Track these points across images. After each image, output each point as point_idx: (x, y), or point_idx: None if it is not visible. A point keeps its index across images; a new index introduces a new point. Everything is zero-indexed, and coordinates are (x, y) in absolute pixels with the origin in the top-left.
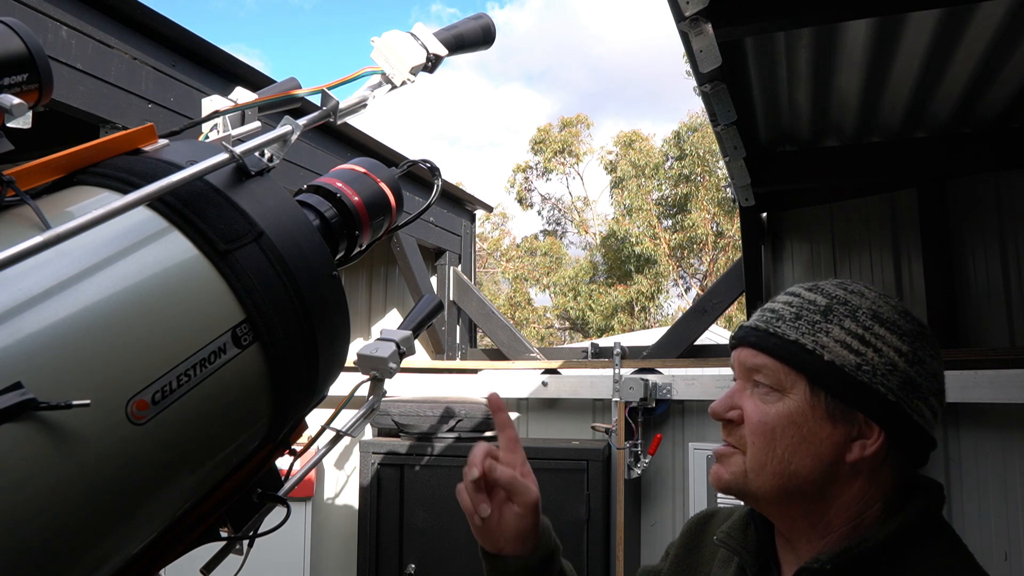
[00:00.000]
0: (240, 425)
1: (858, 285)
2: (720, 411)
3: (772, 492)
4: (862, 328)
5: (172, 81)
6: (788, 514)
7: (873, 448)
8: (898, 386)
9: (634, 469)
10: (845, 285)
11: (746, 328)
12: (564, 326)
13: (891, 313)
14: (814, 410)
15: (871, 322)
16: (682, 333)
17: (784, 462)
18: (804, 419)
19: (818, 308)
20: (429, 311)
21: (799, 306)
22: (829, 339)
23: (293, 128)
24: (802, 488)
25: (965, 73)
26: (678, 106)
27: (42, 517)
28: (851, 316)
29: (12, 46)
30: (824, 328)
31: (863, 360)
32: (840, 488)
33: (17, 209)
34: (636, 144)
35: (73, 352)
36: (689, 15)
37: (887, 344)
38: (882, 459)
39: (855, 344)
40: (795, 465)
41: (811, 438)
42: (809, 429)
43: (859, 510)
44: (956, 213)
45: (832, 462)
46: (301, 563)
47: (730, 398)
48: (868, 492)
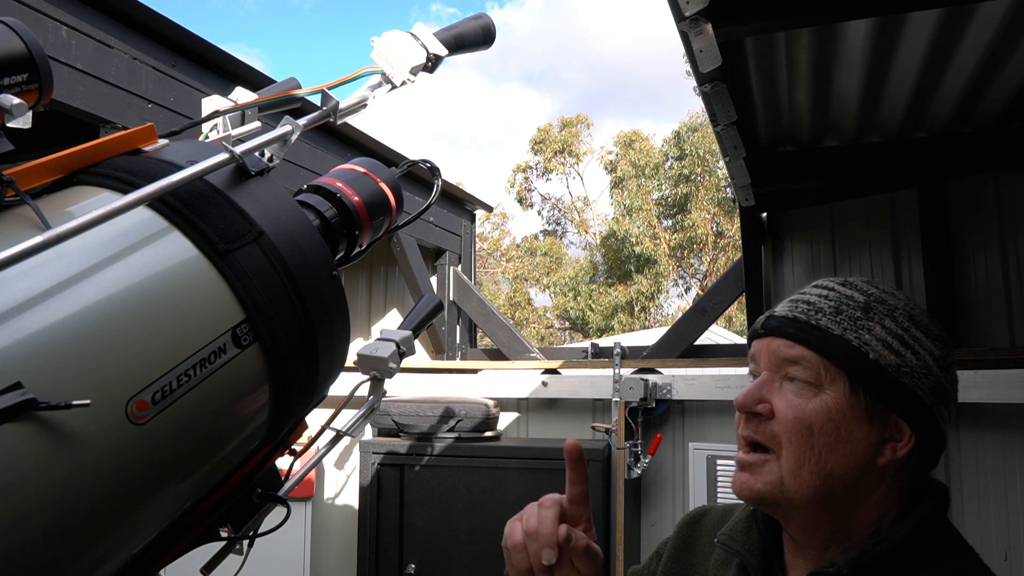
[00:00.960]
0: (240, 425)
1: (886, 285)
2: (749, 403)
3: (809, 496)
4: (901, 329)
5: (172, 81)
6: (816, 520)
7: (904, 451)
8: (931, 390)
9: (634, 469)
10: (876, 284)
11: (780, 318)
12: (564, 326)
13: (923, 317)
14: (853, 408)
15: (908, 323)
16: (682, 333)
17: (822, 462)
18: (843, 417)
19: (858, 304)
20: (429, 311)
21: (837, 300)
22: (871, 337)
23: (293, 128)
24: (836, 491)
25: (965, 73)
26: (678, 106)
27: (42, 517)
28: (890, 315)
29: (12, 46)
30: (866, 326)
31: (903, 361)
32: (868, 493)
33: (17, 209)
34: (636, 144)
35: (73, 352)
36: (689, 15)
37: (923, 347)
38: (905, 462)
39: (896, 344)
40: (831, 466)
41: (848, 437)
42: (847, 428)
43: (879, 514)
44: (956, 213)
45: (866, 464)
46: (301, 563)
47: (758, 390)
48: (889, 497)
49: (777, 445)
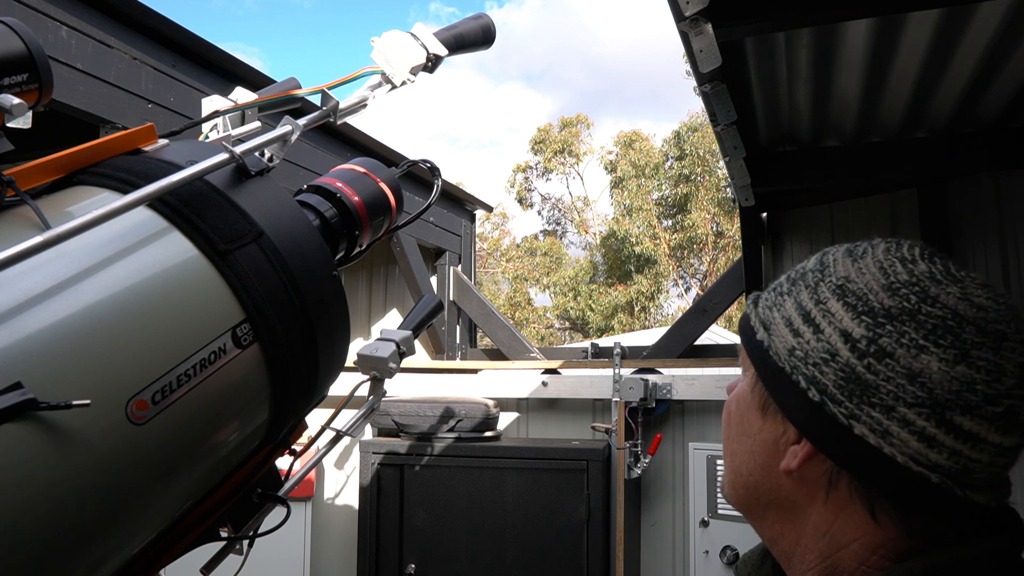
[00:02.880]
0: (240, 425)
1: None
2: (727, 390)
3: (731, 494)
4: (814, 302)
5: (172, 81)
6: (762, 534)
7: (800, 459)
8: (833, 382)
9: (634, 469)
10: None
11: None
12: (564, 326)
13: (872, 285)
14: (752, 399)
15: (829, 295)
16: (682, 333)
17: (733, 454)
18: (745, 406)
19: (793, 277)
20: (429, 311)
21: (785, 275)
22: (778, 315)
23: (293, 128)
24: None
25: (965, 73)
26: (678, 106)
27: (42, 517)
28: (813, 287)
29: (12, 46)
30: (779, 302)
31: (799, 343)
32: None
33: (17, 209)
34: (636, 144)
35: (73, 352)
36: (689, 15)
37: (833, 324)
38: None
39: (797, 323)
40: (739, 460)
41: (748, 429)
42: (747, 419)
43: (829, 546)
44: (956, 213)
45: (766, 466)
46: (301, 563)
47: (739, 379)
48: (835, 525)
49: None
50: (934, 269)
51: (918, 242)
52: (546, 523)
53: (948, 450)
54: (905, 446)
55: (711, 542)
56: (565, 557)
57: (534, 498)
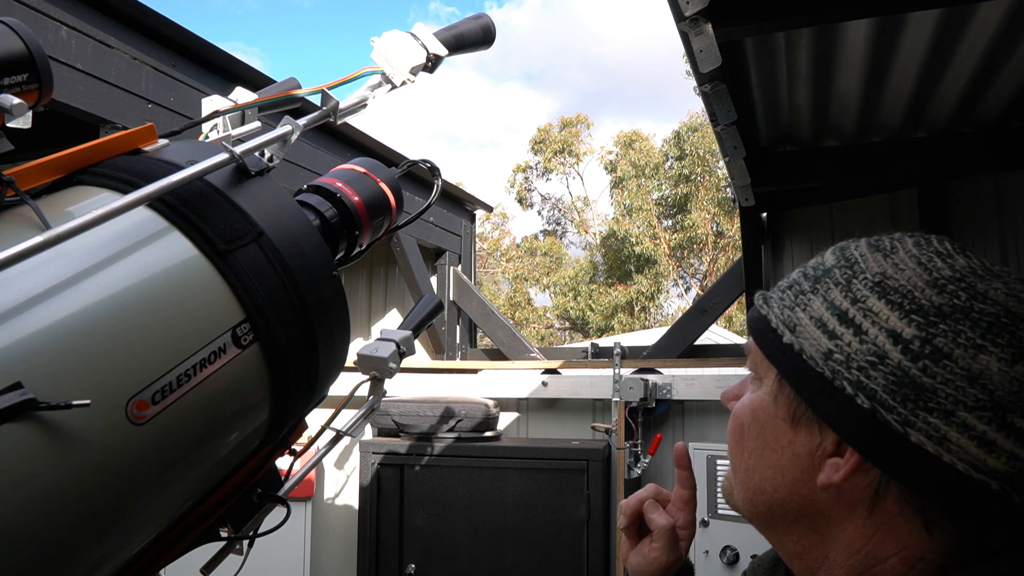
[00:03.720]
0: (240, 425)
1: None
2: (725, 398)
3: (746, 509)
4: (849, 301)
5: (172, 81)
6: (782, 548)
7: (845, 471)
8: (884, 387)
9: (634, 469)
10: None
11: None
12: (564, 326)
13: (916, 282)
14: (777, 406)
15: (868, 292)
16: (682, 333)
17: (749, 469)
18: (767, 416)
19: (815, 275)
20: (429, 311)
21: (801, 272)
22: (804, 315)
23: (293, 128)
24: (775, 511)
25: (965, 73)
26: (678, 106)
27: (42, 517)
28: (844, 284)
29: (12, 46)
30: (804, 301)
31: (836, 346)
32: (834, 524)
33: (17, 209)
34: (636, 144)
35: (73, 352)
36: (689, 15)
37: (878, 324)
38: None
39: (832, 323)
40: (759, 477)
41: (773, 443)
42: (771, 430)
43: (864, 563)
44: (956, 213)
45: (798, 480)
46: (301, 563)
47: (740, 385)
48: (874, 539)
49: None
50: (973, 263)
51: (943, 235)
52: (546, 523)
53: (1007, 454)
54: (964, 452)
55: (711, 542)
56: (565, 557)
57: (534, 498)
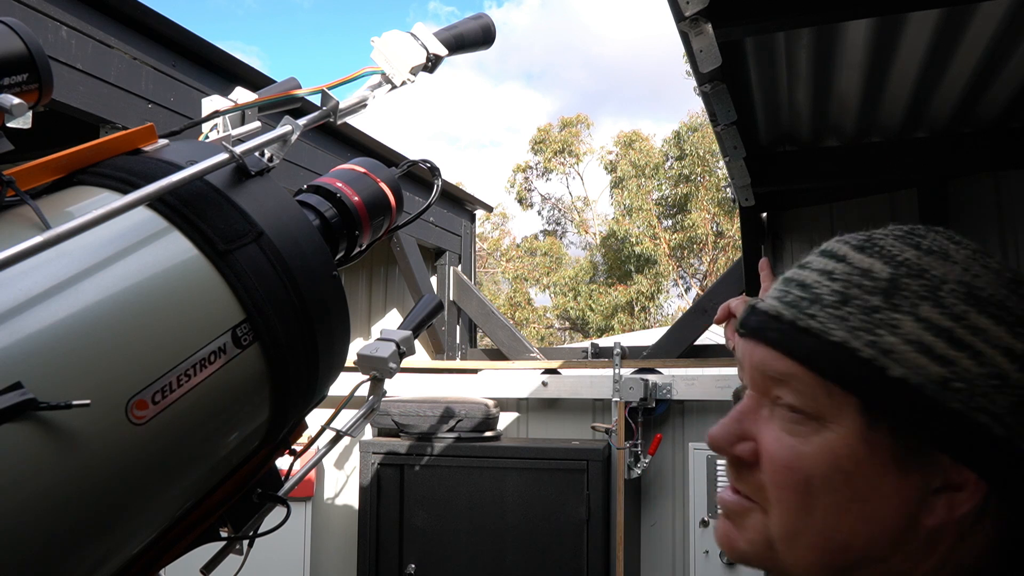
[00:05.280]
0: (240, 425)
1: (940, 237)
2: (722, 442)
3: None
4: (951, 318)
5: (172, 81)
6: None
7: (967, 507)
8: (1008, 410)
9: (634, 469)
10: (917, 240)
11: (760, 314)
12: (564, 326)
13: (996, 287)
14: (873, 452)
15: (965, 306)
16: (682, 333)
17: (828, 530)
18: (856, 465)
19: (877, 285)
20: (429, 311)
21: (846, 279)
22: (897, 339)
23: (293, 128)
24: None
25: (965, 73)
26: (678, 106)
27: (42, 517)
28: (931, 297)
29: (12, 46)
30: (889, 320)
31: (953, 372)
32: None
33: (17, 209)
34: (636, 144)
35: (73, 352)
36: (689, 15)
37: (991, 343)
38: (975, 519)
39: (941, 346)
40: (844, 534)
41: (867, 493)
42: (866, 481)
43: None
44: (956, 213)
45: (901, 527)
46: (301, 563)
47: (736, 423)
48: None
49: (764, 501)
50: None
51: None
52: (546, 523)
53: None
54: None
55: (711, 542)
56: (565, 557)
57: (534, 498)
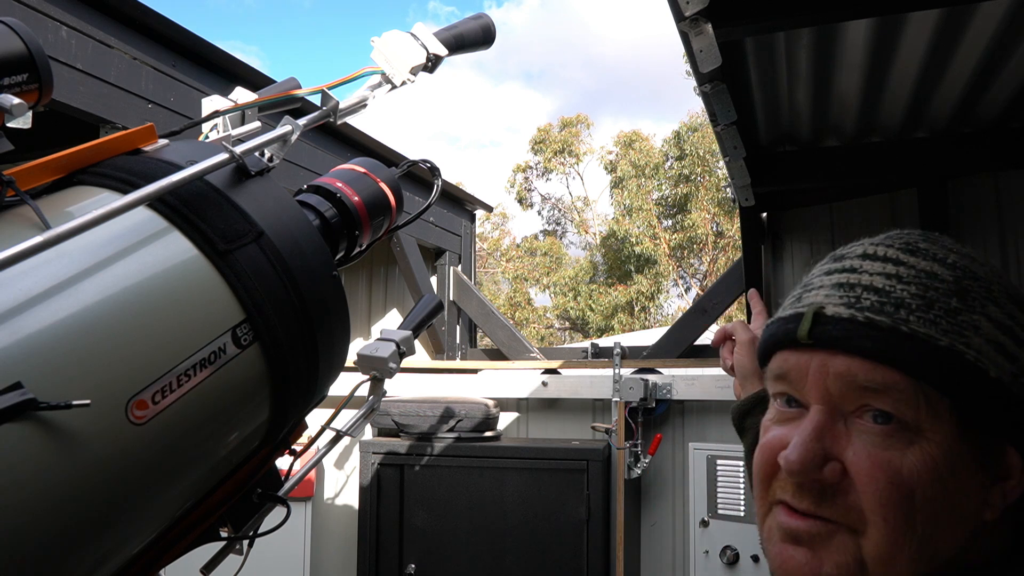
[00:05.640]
0: (240, 425)
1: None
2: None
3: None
4: (1009, 317)
5: (172, 81)
6: None
7: (1015, 494)
8: None
9: (634, 469)
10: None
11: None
12: (564, 326)
13: (1013, 285)
14: (964, 456)
15: (1012, 305)
16: (682, 333)
17: (926, 541)
18: (952, 472)
19: (948, 288)
20: (429, 311)
21: (920, 283)
22: (982, 340)
23: (293, 128)
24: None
25: (965, 73)
26: (678, 106)
27: (42, 517)
28: (990, 297)
29: (12, 46)
30: (971, 322)
31: (1019, 368)
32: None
33: (17, 209)
34: (636, 144)
35: (73, 352)
36: (689, 15)
37: None
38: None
39: (1009, 344)
40: (937, 542)
41: (958, 498)
42: (957, 485)
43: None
44: (956, 213)
45: (975, 527)
46: (301, 563)
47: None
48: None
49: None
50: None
51: None
52: (546, 523)
53: None
54: None
55: (711, 542)
56: (565, 557)
57: (534, 498)
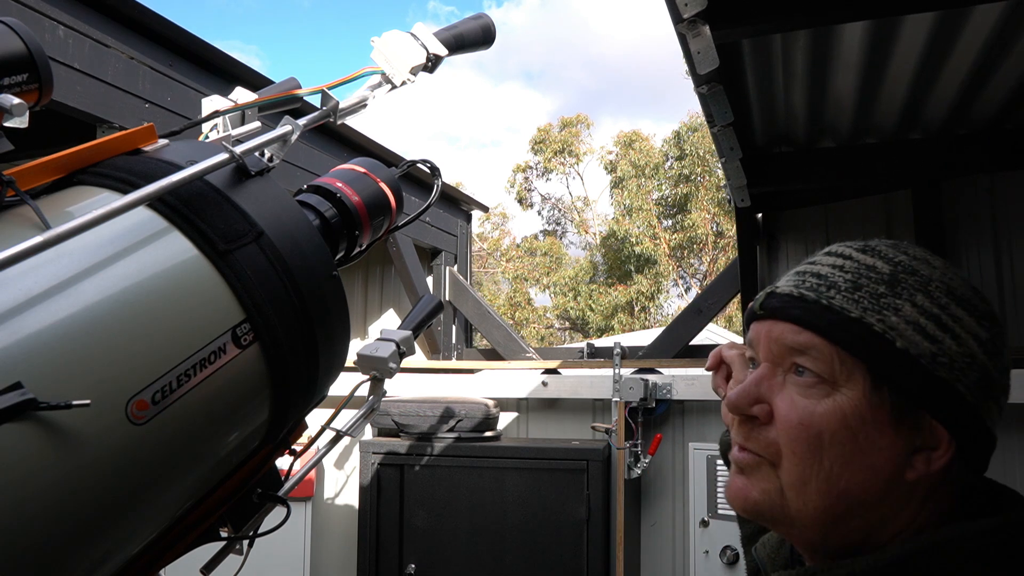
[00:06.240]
0: (240, 425)
1: (919, 249)
2: (742, 404)
3: (814, 518)
4: (938, 306)
5: (169, 81)
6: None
7: (942, 461)
8: (976, 383)
9: (634, 469)
10: (905, 248)
11: (783, 296)
12: (564, 326)
13: (965, 289)
14: (875, 411)
15: (947, 299)
16: (678, 333)
17: (833, 479)
18: (861, 422)
19: (882, 277)
20: (429, 311)
21: (855, 272)
22: (899, 319)
23: (293, 128)
24: (851, 511)
25: (960, 75)
26: (678, 106)
27: (42, 517)
28: (923, 290)
29: (12, 46)
30: (893, 304)
31: (940, 349)
32: (893, 513)
33: (17, 209)
34: (636, 144)
35: (73, 352)
36: (687, 17)
37: (966, 329)
38: (943, 475)
39: (931, 327)
40: (846, 482)
41: (868, 447)
42: (866, 436)
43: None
44: (950, 214)
45: (889, 480)
46: (301, 563)
47: (755, 386)
48: (918, 519)
49: (775, 456)
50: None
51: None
52: (546, 523)
53: None
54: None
55: (711, 542)
56: (565, 557)
57: (534, 498)
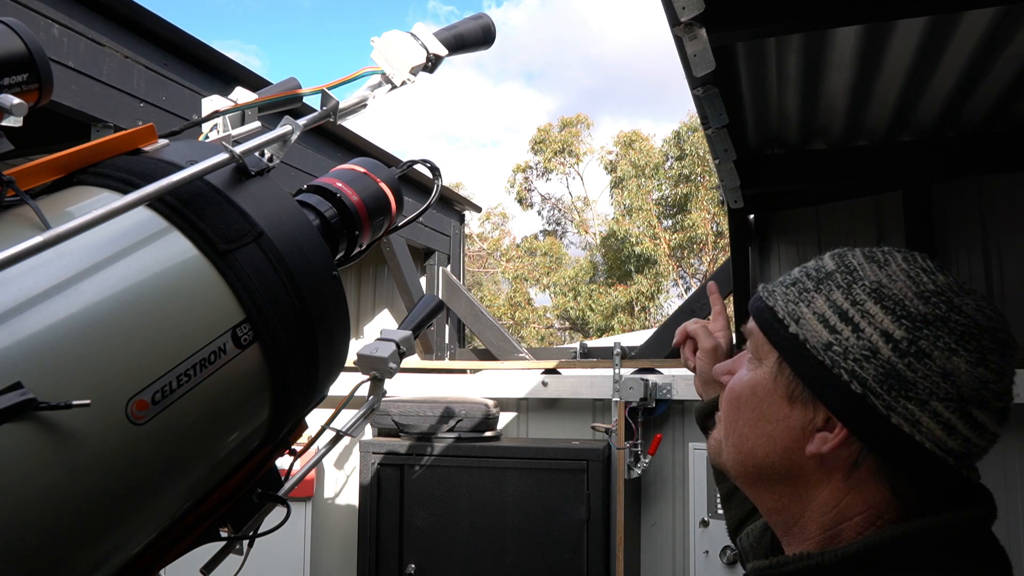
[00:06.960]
0: (240, 425)
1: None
2: (718, 372)
3: (735, 469)
4: (849, 302)
5: (164, 80)
6: (763, 504)
7: (833, 444)
8: (874, 376)
9: (634, 469)
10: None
11: (755, 295)
12: (564, 326)
13: (907, 292)
14: (776, 385)
15: (865, 297)
16: (671, 333)
17: (742, 436)
18: (765, 392)
19: (818, 276)
20: (429, 311)
21: (803, 272)
22: (808, 310)
23: (293, 128)
24: (762, 472)
25: (950, 79)
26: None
27: (42, 517)
28: (845, 288)
29: (12, 46)
30: (808, 298)
31: (836, 339)
32: (812, 486)
33: (17, 209)
34: (636, 144)
35: (73, 352)
36: (684, 20)
37: (873, 325)
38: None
39: (833, 319)
40: (751, 443)
41: (768, 416)
42: (768, 406)
43: (834, 519)
44: (941, 216)
45: (788, 448)
46: (301, 563)
47: (732, 362)
48: (845, 500)
49: None
50: (950, 280)
51: (924, 253)
52: (546, 523)
53: (962, 438)
54: (932, 434)
55: (711, 542)
56: (565, 557)
57: (534, 498)
